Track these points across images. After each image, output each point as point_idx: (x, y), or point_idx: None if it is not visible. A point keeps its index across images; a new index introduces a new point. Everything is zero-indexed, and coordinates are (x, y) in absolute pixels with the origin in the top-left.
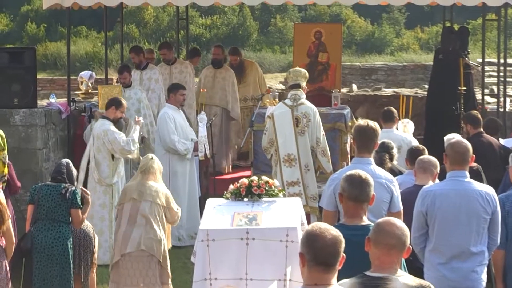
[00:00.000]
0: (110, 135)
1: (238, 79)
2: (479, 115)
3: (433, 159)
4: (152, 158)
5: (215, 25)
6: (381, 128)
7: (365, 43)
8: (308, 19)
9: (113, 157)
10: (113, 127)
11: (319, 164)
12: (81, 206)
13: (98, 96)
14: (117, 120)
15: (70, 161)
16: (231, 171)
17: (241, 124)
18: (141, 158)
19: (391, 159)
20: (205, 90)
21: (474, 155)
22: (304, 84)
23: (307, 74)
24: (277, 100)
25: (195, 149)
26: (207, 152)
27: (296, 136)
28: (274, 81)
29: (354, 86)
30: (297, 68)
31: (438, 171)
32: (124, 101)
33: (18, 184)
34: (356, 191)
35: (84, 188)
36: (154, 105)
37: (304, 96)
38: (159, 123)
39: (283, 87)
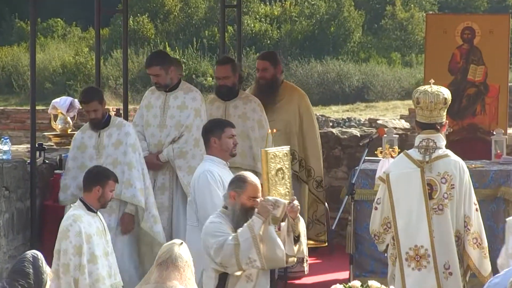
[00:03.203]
0: None
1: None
2: None
3: None
4: (181, 243)
5: (288, 16)
6: None
7: None
8: (450, 7)
9: None
10: None
11: (469, 262)
12: None
13: (262, 164)
14: None
15: (39, 254)
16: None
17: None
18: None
19: None
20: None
21: None
22: (444, 117)
23: (449, 98)
24: (396, 148)
25: None
26: None
27: (428, 215)
28: (391, 115)
29: None
30: (432, 88)
31: None
32: None
33: None
34: None
35: None
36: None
37: (443, 142)
38: (197, 188)
39: (407, 125)
